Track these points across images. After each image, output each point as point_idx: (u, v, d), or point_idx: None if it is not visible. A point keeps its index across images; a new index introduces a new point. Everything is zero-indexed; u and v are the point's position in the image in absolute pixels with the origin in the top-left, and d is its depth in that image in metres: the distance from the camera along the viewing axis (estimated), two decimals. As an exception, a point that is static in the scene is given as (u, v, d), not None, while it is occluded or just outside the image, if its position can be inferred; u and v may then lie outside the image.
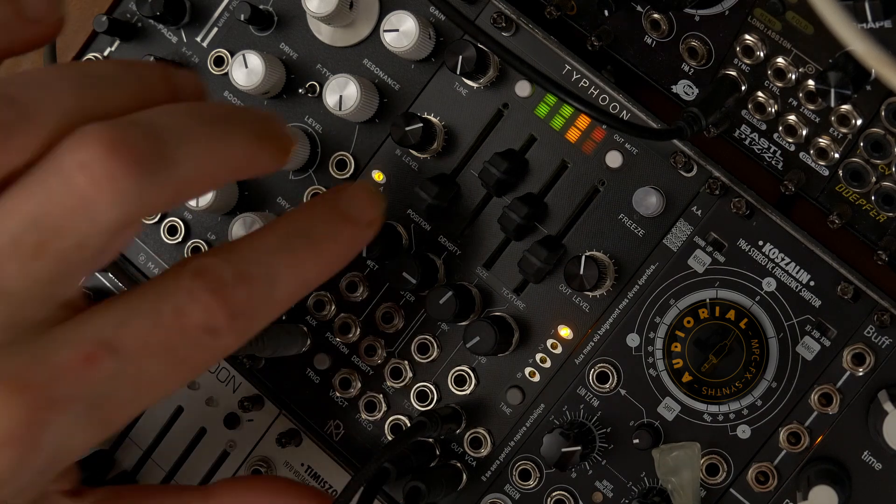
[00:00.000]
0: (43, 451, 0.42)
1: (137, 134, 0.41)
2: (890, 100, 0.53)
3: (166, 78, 0.46)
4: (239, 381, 0.66)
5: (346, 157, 0.64)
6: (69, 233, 0.40)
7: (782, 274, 0.58)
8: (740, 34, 0.56)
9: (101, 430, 0.43)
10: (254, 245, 0.46)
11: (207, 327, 0.43)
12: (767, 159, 0.59)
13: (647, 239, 0.60)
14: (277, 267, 0.46)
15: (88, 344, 0.42)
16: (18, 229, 0.40)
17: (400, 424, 0.64)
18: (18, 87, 0.42)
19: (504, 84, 0.62)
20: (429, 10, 0.62)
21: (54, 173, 0.40)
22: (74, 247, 0.41)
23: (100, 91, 0.44)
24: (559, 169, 0.61)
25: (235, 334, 0.44)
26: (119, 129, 0.41)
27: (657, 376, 0.60)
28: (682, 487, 0.58)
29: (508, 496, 0.63)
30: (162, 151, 0.41)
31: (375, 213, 0.50)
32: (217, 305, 0.43)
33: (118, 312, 0.43)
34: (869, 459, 0.58)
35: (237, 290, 0.44)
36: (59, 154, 0.41)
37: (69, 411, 0.42)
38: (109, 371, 0.42)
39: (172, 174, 0.42)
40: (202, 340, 0.44)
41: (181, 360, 0.44)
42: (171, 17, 0.65)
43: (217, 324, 0.44)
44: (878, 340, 0.57)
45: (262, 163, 0.47)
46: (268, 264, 0.46)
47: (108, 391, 0.43)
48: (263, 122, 0.47)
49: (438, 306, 0.60)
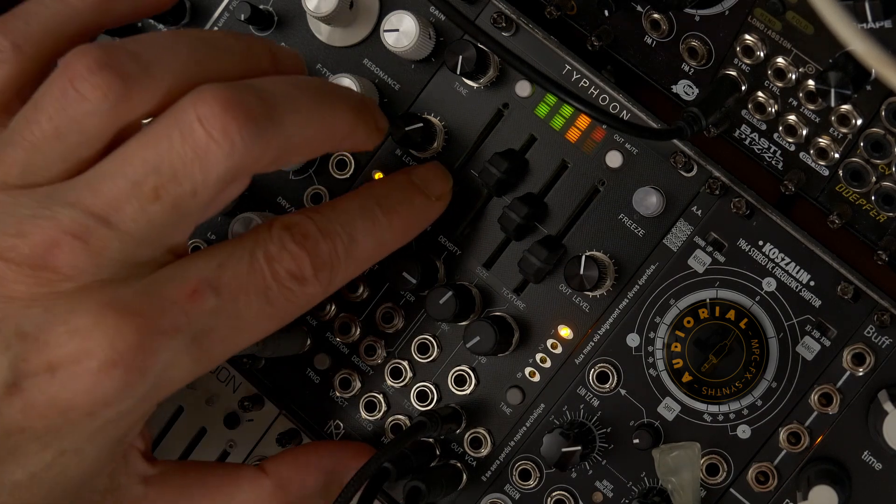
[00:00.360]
0: (148, 376, 0.46)
1: (251, 96, 0.46)
2: (890, 100, 0.53)
3: (272, 52, 0.52)
4: (239, 381, 0.66)
5: (346, 157, 0.64)
6: (185, 179, 0.45)
7: (782, 274, 0.58)
8: (740, 34, 0.56)
9: (200, 363, 0.48)
10: (337, 207, 0.52)
11: (295, 274, 0.49)
12: (767, 159, 0.59)
13: (647, 239, 0.60)
14: (357, 228, 0.52)
15: (193, 281, 0.47)
16: (139, 174, 0.45)
17: (400, 424, 0.64)
18: (142, 44, 0.46)
19: (504, 84, 0.62)
20: (429, 10, 0.62)
21: (175, 125, 0.45)
22: (189, 193, 0.45)
23: (214, 55, 0.49)
24: (559, 169, 0.61)
25: (320, 284, 0.50)
26: (235, 90, 0.45)
27: (657, 376, 0.60)
28: (682, 487, 0.58)
29: (508, 496, 0.63)
30: (271, 113, 0.46)
31: (445, 188, 0.59)
32: (304, 255, 0.49)
33: (219, 256, 0.48)
34: (869, 459, 0.58)
35: (321, 244, 0.50)
36: (181, 108, 0.45)
37: (174, 340, 0.46)
38: (211, 306, 0.47)
39: (279, 134, 0.47)
40: (291, 286, 0.49)
41: (272, 303, 0.49)
42: (171, 17, 0.65)
43: (303, 272, 0.49)
44: (878, 340, 0.57)
45: (359, 137, 0.53)
46: (349, 224, 0.52)
47: (209, 325, 0.47)
48: (362, 101, 0.53)
49: (438, 306, 0.60)
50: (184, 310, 0.46)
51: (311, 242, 0.50)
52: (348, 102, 0.52)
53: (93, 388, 0.45)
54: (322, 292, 0.51)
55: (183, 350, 0.47)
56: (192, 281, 0.47)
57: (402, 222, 0.55)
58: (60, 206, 0.45)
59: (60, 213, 0.45)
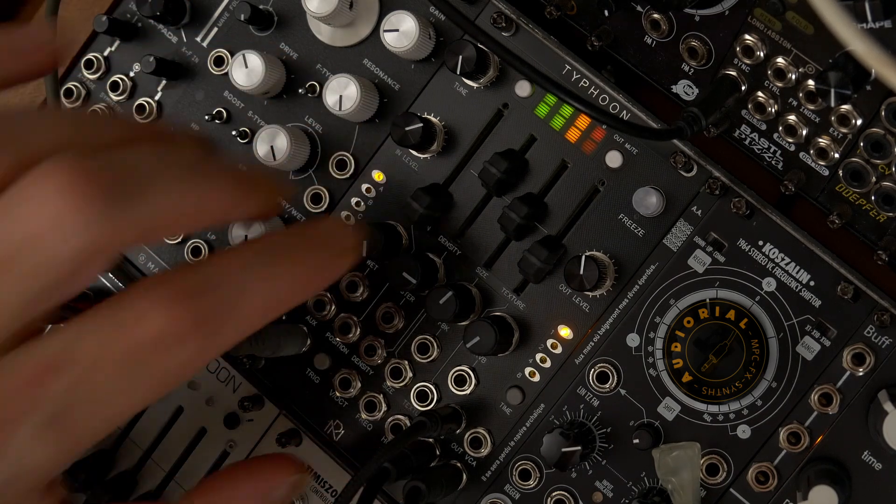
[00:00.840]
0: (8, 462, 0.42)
1: (106, 166, 0.41)
2: (890, 100, 0.53)
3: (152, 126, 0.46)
4: (239, 381, 0.66)
5: (346, 157, 0.64)
6: (31, 257, 0.40)
7: (782, 274, 0.58)
8: (740, 34, 0.56)
9: (64, 447, 0.43)
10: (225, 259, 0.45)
11: (171, 334, 0.42)
12: (767, 159, 0.59)
13: (647, 239, 0.60)
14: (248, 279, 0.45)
15: (45, 359, 0.41)
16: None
17: (400, 424, 0.64)
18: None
19: (504, 84, 0.62)
20: (429, 10, 0.62)
21: (22, 199, 0.40)
22: (34, 273, 0.40)
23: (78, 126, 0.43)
24: (559, 169, 0.61)
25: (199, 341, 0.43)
26: (88, 159, 0.40)
27: (657, 376, 0.60)
28: (682, 487, 0.58)
29: (508, 496, 0.63)
30: (130, 186, 0.41)
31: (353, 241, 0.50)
32: (181, 311, 0.42)
33: (79, 327, 0.42)
34: (869, 459, 0.58)
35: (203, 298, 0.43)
36: (29, 180, 0.40)
37: (25, 427, 0.41)
38: (64, 384, 0.42)
39: (139, 211, 0.41)
40: (162, 350, 0.42)
41: (139, 372, 0.42)
42: (171, 17, 0.65)
43: (181, 329, 0.42)
44: (878, 340, 0.57)
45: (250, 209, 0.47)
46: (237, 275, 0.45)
47: (64, 405, 0.42)
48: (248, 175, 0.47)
49: (438, 306, 0.60)
50: (32, 393, 0.41)
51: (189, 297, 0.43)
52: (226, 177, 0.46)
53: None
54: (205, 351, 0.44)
55: (37, 436, 0.42)
56: (43, 359, 0.42)
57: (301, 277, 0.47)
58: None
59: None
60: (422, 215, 0.60)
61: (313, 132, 0.64)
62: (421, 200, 0.60)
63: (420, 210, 0.60)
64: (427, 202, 0.60)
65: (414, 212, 0.60)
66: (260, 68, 0.62)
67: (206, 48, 0.66)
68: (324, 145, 0.64)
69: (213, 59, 0.65)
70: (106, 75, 0.68)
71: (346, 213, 0.64)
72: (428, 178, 0.63)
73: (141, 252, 0.67)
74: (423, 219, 0.61)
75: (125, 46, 0.67)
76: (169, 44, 0.67)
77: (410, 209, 0.60)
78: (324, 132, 0.64)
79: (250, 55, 0.62)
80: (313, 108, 0.64)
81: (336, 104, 0.61)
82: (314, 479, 0.66)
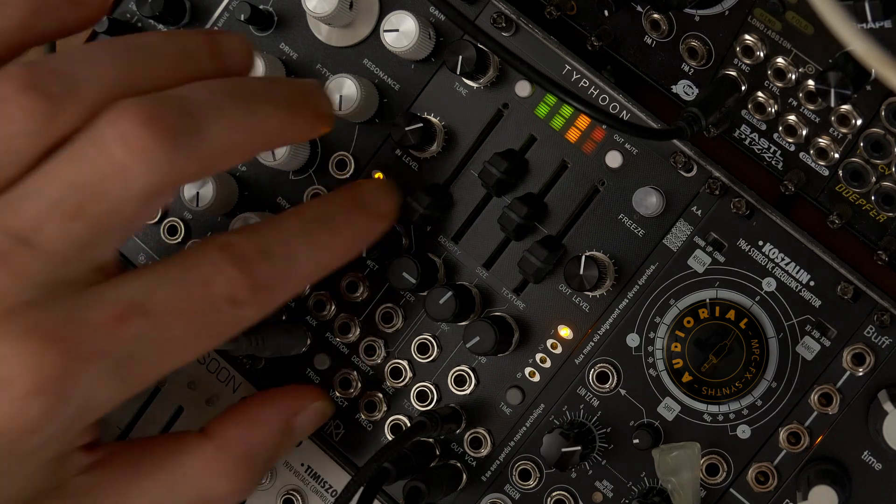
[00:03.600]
0: (72, 402, 0.44)
1: (169, 108, 0.44)
2: (890, 100, 0.53)
3: (212, 46, 0.50)
4: (239, 381, 0.66)
5: (346, 157, 0.64)
6: (105, 198, 0.44)
7: (782, 274, 0.58)
8: (740, 34, 0.56)
9: (126, 388, 0.46)
10: (277, 227, 0.50)
11: (231, 298, 0.47)
12: (767, 159, 0.59)
13: (647, 239, 0.60)
14: (297, 247, 0.50)
15: (120, 304, 0.45)
16: (59, 193, 0.43)
17: (400, 424, 0.64)
18: (67, 61, 0.45)
19: (504, 84, 0.62)
20: (429, 10, 0.62)
21: (94, 144, 0.44)
22: (110, 211, 0.44)
23: (141, 64, 0.47)
24: (559, 169, 0.61)
25: (256, 306, 0.48)
26: (153, 103, 0.44)
27: (657, 376, 0.60)
28: (682, 487, 0.58)
29: (508, 496, 0.63)
30: (192, 124, 0.45)
31: (390, 205, 0.55)
32: (240, 278, 0.47)
33: (150, 278, 0.46)
34: (869, 459, 0.58)
35: (259, 266, 0.48)
36: (98, 126, 0.44)
37: (98, 366, 0.44)
38: (138, 331, 0.45)
39: (202, 146, 0.45)
40: (225, 309, 0.47)
41: (204, 327, 0.47)
42: (171, 17, 0.65)
43: (240, 295, 0.47)
44: (878, 340, 0.57)
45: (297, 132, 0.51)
46: (288, 244, 0.49)
47: (135, 350, 0.45)
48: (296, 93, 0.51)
49: (438, 306, 0.60)
50: (109, 335, 0.45)
51: (249, 265, 0.47)
52: (277, 98, 0.50)
53: (16, 416, 0.43)
54: (258, 314, 0.49)
55: (108, 375, 0.45)
56: (118, 304, 0.45)
57: (344, 241, 0.53)
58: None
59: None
60: (422, 215, 0.60)
61: (313, 132, 0.64)
62: (421, 200, 0.60)
63: (420, 210, 0.60)
64: (427, 202, 0.60)
65: (414, 212, 0.60)
66: (260, 68, 0.62)
67: (206, 48, 0.66)
68: (324, 145, 0.64)
69: (213, 59, 0.65)
70: (106, 75, 0.67)
71: (346, 213, 0.64)
72: (428, 178, 0.63)
73: (141, 252, 0.67)
74: (423, 219, 0.61)
75: (125, 46, 0.67)
76: (169, 44, 0.67)
77: (410, 209, 0.60)
78: (324, 132, 0.64)
79: (250, 55, 0.62)
80: (313, 108, 0.64)
81: (336, 104, 0.61)
82: (314, 479, 0.66)
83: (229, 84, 0.48)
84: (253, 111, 0.48)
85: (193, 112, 0.45)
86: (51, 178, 0.44)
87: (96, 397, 0.45)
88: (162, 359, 0.47)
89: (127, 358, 0.45)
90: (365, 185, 0.56)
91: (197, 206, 0.63)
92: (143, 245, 0.67)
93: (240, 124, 0.47)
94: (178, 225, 0.66)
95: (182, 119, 0.45)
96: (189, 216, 0.66)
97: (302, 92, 0.52)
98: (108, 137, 0.44)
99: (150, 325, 0.45)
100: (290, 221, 0.51)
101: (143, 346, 0.46)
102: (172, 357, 0.47)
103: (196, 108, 0.45)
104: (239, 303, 0.47)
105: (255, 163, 0.64)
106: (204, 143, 0.45)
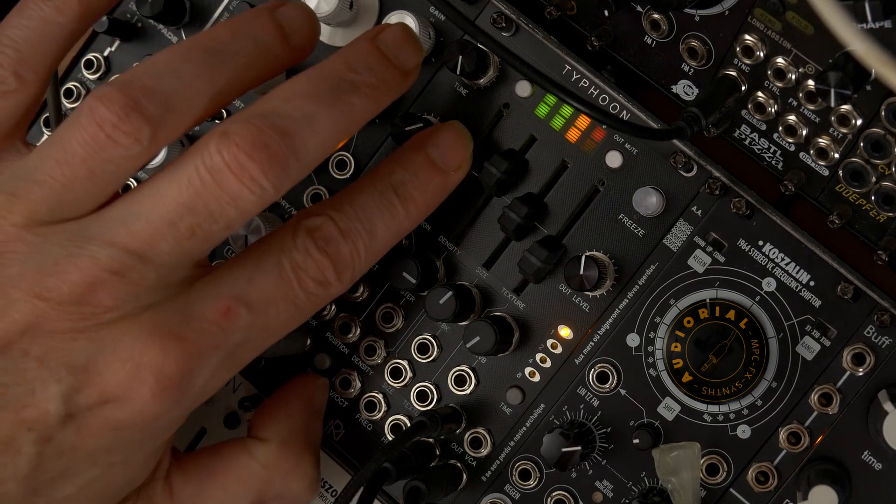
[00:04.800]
0: (194, 392, 0.49)
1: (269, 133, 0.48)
2: (890, 100, 0.53)
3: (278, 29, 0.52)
4: (239, 381, 0.66)
5: (346, 157, 0.64)
6: (220, 218, 0.48)
7: (782, 274, 0.58)
8: (740, 34, 0.56)
9: (234, 370, 0.52)
10: (355, 202, 0.53)
11: (320, 280, 0.51)
12: (767, 159, 0.59)
13: (647, 239, 0.60)
14: (376, 223, 0.53)
15: (226, 298, 0.49)
16: (174, 215, 0.47)
17: (400, 424, 0.64)
18: (155, 77, 0.48)
19: (504, 84, 0.62)
20: (429, 10, 0.62)
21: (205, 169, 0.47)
22: (222, 228, 0.48)
23: (223, 67, 0.50)
24: (559, 169, 0.61)
25: (342, 284, 0.52)
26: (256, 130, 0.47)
27: (657, 376, 0.60)
28: (682, 487, 0.58)
29: (508, 496, 0.63)
30: (292, 145, 0.48)
31: (463, 156, 0.57)
32: (328, 262, 0.51)
33: (247, 269, 0.50)
34: (869, 459, 0.58)
35: (343, 247, 0.51)
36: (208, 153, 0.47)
37: (215, 358, 0.49)
38: (244, 322, 0.50)
39: (302, 158, 0.49)
40: (315, 290, 0.51)
41: (298, 308, 0.51)
42: (171, 17, 0.65)
43: (327, 277, 0.51)
44: (878, 340, 0.57)
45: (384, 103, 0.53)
46: (368, 221, 0.53)
47: (243, 339, 0.50)
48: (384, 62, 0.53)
49: (438, 306, 0.60)
50: (221, 328, 0.49)
51: (334, 247, 0.51)
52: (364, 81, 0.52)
53: (145, 410, 0.48)
54: (344, 289, 0.53)
55: (221, 364, 0.50)
56: (224, 298, 0.49)
57: (419, 207, 0.55)
58: (97, 246, 0.47)
59: (98, 252, 0.47)
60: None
61: (313, 132, 0.64)
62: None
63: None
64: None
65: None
66: None
67: (206, 48, 0.66)
68: (324, 145, 0.64)
69: (213, 59, 0.65)
70: (106, 75, 0.68)
71: (346, 213, 0.64)
72: (428, 178, 0.63)
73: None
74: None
75: (125, 46, 0.67)
76: (169, 44, 0.67)
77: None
78: (324, 132, 0.64)
79: (250, 55, 0.62)
80: (313, 108, 0.64)
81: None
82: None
83: (315, 85, 0.50)
84: (342, 108, 0.51)
85: (291, 131, 0.48)
86: (163, 199, 0.47)
87: (211, 384, 0.50)
88: (264, 341, 0.52)
89: (236, 347, 0.50)
90: (439, 136, 0.57)
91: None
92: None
93: (333, 125, 0.50)
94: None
95: (284, 142, 0.48)
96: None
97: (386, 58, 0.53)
98: (219, 166, 0.47)
99: (254, 315, 0.50)
100: (367, 195, 0.53)
101: (249, 334, 0.50)
102: (272, 337, 0.52)
103: (293, 125, 0.48)
104: (326, 283, 0.51)
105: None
106: (304, 156, 0.49)
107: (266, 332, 0.51)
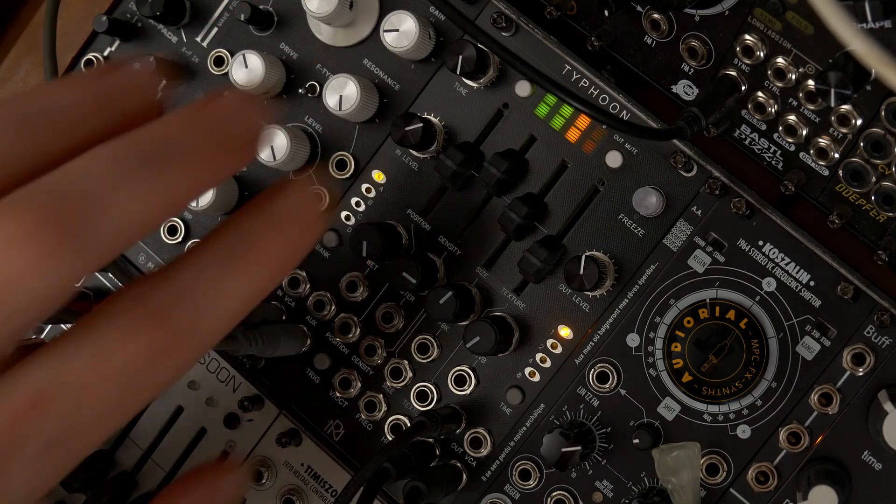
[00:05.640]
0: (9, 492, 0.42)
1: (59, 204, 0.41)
2: (890, 100, 0.53)
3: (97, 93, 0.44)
4: (239, 381, 0.66)
5: (346, 157, 0.64)
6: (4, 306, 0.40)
7: (782, 274, 0.58)
8: (740, 34, 0.56)
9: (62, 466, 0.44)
10: (193, 262, 0.45)
11: (152, 353, 0.43)
12: (767, 159, 0.59)
13: (647, 239, 0.60)
14: (222, 279, 0.45)
15: (28, 395, 0.42)
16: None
17: (400, 424, 0.64)
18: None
19: (504, 84, 0.62)
20: (429, 10, 0.62)
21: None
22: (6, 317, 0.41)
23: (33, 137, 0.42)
24: (559, 169, 0.61)
25: (185, 351, 0.44)
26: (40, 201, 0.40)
27: (657, 376, 0.60)
28: (682, 487, 0.58)
29: (508, 496, 0.63)
30: (86, 218, 0.41)
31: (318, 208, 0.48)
32: (160, 328, 0.43)
33: (61, 352, 0.43)
34: (869, 459, 0.58)
35: (178, 312, 0.43)
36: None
37: (24, 455, 0.42)
38: (61, 410, 0.43)
39: (100, 236, 0.41)
40: (149, 366, 0.43)
41: (137, 385, 0.43)
42: (171, 17, 0.65)
43: (164, 345, 0.43)
44: (878, 340, 0.57)
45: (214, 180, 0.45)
46: (211, 279, 0.45)
47: (62, 429, 0.43)
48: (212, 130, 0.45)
49: (438, 306, 0.60)
50: (28, 424, 0.42)
51: (166, 313, 0.43)
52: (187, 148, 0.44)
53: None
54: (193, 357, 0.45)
55: (42, 458, 0.43)
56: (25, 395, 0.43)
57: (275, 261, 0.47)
58: None
59: None
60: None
61: (313, 132, 0.64)
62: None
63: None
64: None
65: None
66: (260, 68, 0.62)
67: (206, 48, 0.66)
68: (324, 145, 0.64)
69: (213, 59, 0.65)
70: (106, 75, 0.67)
71: (346, 213, 0.64)
72: (428, 178, 0.63)
73: (141, 252, 0.67)
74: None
75: (125, 46, 0.67)
76: (169, 44, 0.67)
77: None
78: (324, 132, 0.64)
79: (250, 55, 0.62)
80: (313, 108, 0.64)
81: (336, 104, 0.61)
82: (314, 480, 0.66)
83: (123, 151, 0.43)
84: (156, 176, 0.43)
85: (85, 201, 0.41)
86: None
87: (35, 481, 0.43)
88: (92, 431, 0.44)
89: (56, 437, 0.43)
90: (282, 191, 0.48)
91: (197, 206, 0.63)
92: (143, 245, 0.67)
93: (142, 197, 0.42)
94: (178, 225, 0.66)
95: (74, 213, 0.41)
96: (189, 216, 0.66)
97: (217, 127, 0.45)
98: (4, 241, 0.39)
99: (74, 401, 0.43)
100: (207, 252, 0.45)
101: (69, 424, 0.43)
102: (108, 423, 0.44)
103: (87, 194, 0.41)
104: (163, 355, 0.43)
105: (255, 163, 0.64)
106: (102, 233, 0.41)
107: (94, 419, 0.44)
